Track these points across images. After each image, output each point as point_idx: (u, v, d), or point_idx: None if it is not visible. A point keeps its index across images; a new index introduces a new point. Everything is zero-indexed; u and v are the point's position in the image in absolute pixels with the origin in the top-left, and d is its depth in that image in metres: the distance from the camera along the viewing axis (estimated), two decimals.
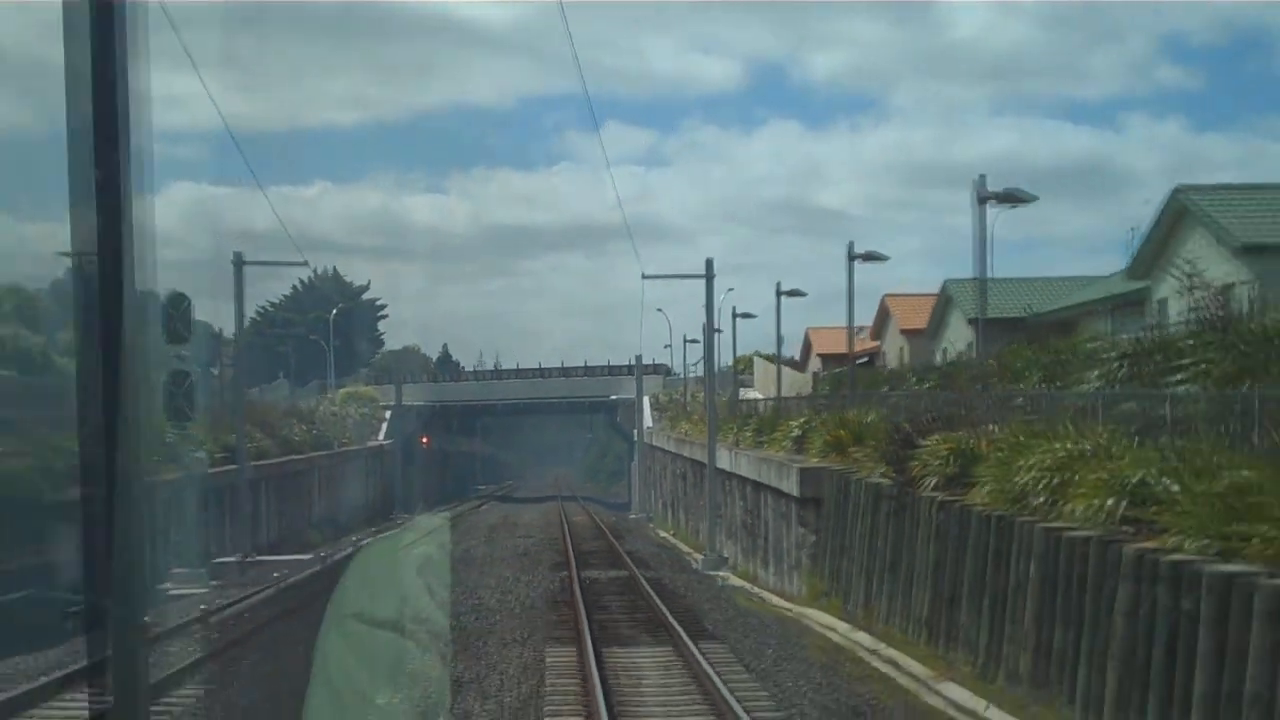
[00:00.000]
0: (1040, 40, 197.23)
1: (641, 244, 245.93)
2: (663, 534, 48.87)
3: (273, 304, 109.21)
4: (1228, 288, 22.78)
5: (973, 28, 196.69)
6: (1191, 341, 16.94)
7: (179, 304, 27.51)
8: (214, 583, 28.06)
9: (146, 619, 3.27)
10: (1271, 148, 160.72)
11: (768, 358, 64.27)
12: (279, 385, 77.49)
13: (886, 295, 50.08)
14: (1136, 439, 14.45)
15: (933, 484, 18.38)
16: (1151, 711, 11.24)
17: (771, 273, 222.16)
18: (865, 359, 52.14)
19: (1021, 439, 16.30)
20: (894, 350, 51.50)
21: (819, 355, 61.71)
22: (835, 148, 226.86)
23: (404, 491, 65.75)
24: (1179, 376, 15.89)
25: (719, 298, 40.57)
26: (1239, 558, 10.86)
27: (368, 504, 59.46)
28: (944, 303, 42.96)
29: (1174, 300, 25.73)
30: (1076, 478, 13.98)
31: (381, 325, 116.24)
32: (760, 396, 54.38)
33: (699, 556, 35.71)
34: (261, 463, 42.23)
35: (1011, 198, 25.20)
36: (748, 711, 12.99)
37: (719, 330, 43.43)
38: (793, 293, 43.49)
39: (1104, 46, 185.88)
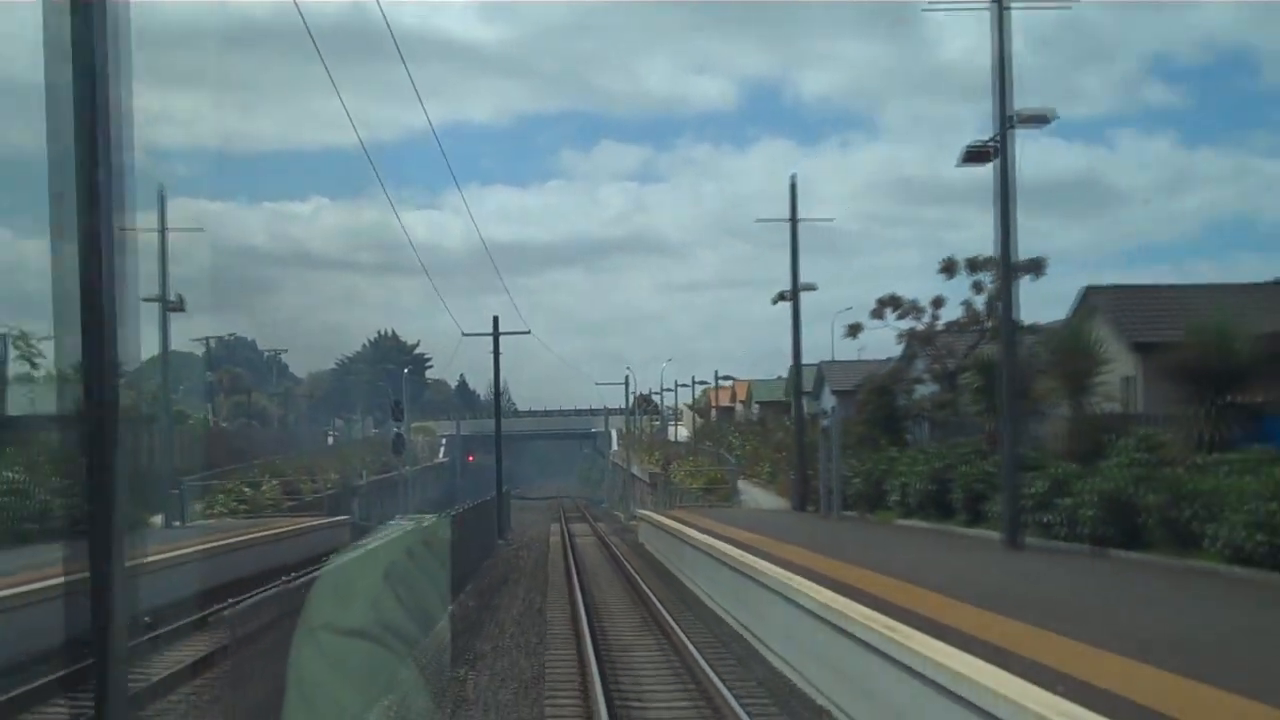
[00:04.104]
0: (1029, 59, 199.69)
1: (638, 257, 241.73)
2: (616, 512, 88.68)
3: (348, 358, 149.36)
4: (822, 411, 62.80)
5: (961, 47, 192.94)
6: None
7: (399, 405, 67.81)
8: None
9: None
10: (1260, 163, 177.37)
11: (693, 407, 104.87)
12: (358, 421, 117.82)
13: (735, 380, 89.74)
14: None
15: (670, 476, 58.05)
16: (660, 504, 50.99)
17: (767, 286, 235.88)
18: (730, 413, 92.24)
19: (687, 463, 56.11)
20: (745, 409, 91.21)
21: (714, 407, 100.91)
22: (827, 164, 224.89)
23: (460, 492, 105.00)
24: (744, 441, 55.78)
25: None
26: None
27: (439, 497, 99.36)
28: (750, 392, 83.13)
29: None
30: (685, 472, 53.76)
31: (427, 373, 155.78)
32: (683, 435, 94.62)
33: (623, 516, 75.54)
34: (390, 473, 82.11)
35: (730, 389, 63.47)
36: (602, 530, 52.54)
37: (685, 385, 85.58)
38: (728, 378, 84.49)
39: (1092, 66, 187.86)
